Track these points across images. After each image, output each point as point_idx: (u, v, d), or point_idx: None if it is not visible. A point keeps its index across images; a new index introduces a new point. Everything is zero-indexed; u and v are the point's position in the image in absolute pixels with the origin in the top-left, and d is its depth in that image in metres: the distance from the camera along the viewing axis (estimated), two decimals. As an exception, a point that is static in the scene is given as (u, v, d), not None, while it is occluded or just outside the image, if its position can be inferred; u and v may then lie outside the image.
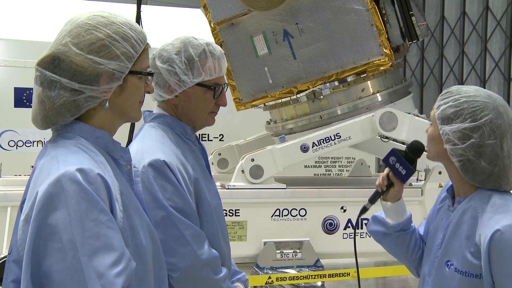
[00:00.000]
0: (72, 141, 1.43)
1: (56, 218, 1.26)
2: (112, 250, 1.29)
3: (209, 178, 2.12)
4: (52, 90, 1.41)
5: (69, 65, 1.41)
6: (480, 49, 9.34)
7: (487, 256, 1.68)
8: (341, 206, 3.59)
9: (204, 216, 1.99)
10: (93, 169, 1.34)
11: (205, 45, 2.06)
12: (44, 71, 1.42)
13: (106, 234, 1.29)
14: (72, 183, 1.29)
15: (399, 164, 2.00)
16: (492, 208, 1.75)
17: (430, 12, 9.51)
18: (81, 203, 1.28)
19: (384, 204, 2.08)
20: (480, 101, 1.79)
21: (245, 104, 3.82)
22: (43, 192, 1.29)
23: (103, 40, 1.43)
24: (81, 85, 1.42)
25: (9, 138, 4.97)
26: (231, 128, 5.47)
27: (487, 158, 1.77)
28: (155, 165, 1.88)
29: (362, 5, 3.52)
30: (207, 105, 2.09)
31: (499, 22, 9.15)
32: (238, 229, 3.43)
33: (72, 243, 1.25)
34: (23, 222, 1.32)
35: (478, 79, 9.41)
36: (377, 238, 2.17)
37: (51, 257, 1.26)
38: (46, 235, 1.26)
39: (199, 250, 1.89)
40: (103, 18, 1.47)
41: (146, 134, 2.03)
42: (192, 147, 2.10)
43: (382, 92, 3.71)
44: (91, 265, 1.25)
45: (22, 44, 4.89)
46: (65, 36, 1.44)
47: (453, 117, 1.79)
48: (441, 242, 1.90)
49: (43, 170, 1.37)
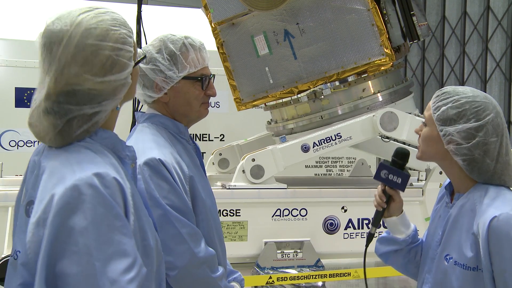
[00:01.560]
0: (82, 142, 1.42)
1: (73, 222, 1.27)
2: (125, 256, 1.30)
3: (204, 177, 2.12)
4: (71, 120, 1.39)
5: (87, 92, 1.39)
6: (481, 49, 9.33)
7: (487, 243, 1.72)
8: (342, 206, 3.59)
9: (200, 215, 2.00)
10: (109, 173, 1.34)
11: (183, 38, 2.07)
12: (60, 105, 1.38)
13: (120, 240, 1.30)
14: (89, 188, 1.29)
15: (392, 175, 1.99)
16: (489, 199, 1.81)
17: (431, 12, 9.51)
18: (97, 208, 1.29)
19: (389, 221, 2.06)
20: (480, 101, 1.84)
21: (246, 104, 3.82)
22: (61, 196, 1.28)
23: (110, 56, 1.40)
24: (101, 105, 1.41)
25: (10, 138, 4.97)
26: (232, 128, 5.47)
27: (491, 156, 1.82)
28: (150, 163, 1.89)
29: (363, 5, 3.51)
30: (197, 97, 2.09)
31: (500, 22, 9.14)
32: (239, 229, 3.43)
33: (87, 247, 1.26)
34: (34, 225, 1.30)
35: (479, 79, 9.40)
36: (388, 259, 2.14)
37: (67, 259, 1.26)
38: (63, 237, 1.27)
39: (196, 248, 1.90)
40: (96, 28, 1.39)
41: (140, 134, 2.04)
42: (186, 146, 2.10)
43: (383, 92, 3.71)
44: (105, 270, 1.26)
45: (23, 44, 4.90)
46: (70, 64, 1.37)
47: (456, 118, 1.83)
48: (441, 238, 1.91)
49: (55, 173, 1.35)
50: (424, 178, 3.81)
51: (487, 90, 9.23)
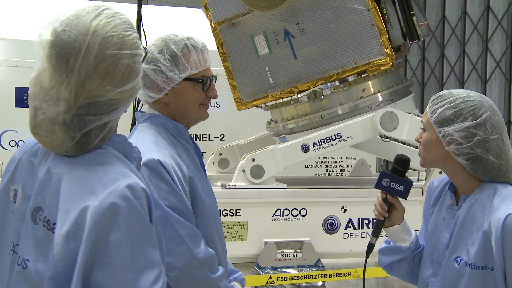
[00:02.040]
0: (100, 150, 1.41)
1: (109, 235, 1.27)
2: (154, 267, 1.32)
3: (204, 177, 2.12)
4: (89, 131, 1.37)
5: (108, 102, 1.38)
6: (481, 49, 9.33)
7: (501, 241, 1.71)
8: (342, 206, 3.59)
9: (200, 215, 2.00)
10: (139, 183, 1.34)
11: (185, 39, 2.06)
12: (80, 117, 1.35)
13: (149, 251, 1.32)
14: (122, 200, 1.29)
15: (394, 183, 1.97)
16: (499, 197, 1.80)
17: (431, 12, 9.50)
18: (131, 220, 1.29)
19: (391, 230, 2.04)
20: (475, 100, 1.86)
21: (246, 104, 3.82)
22: (96, 210, 1.28)
23: (128, 65, 1.39)
24: (116, 110, 1.41)
25: (10, 138, 4.96)
26: (231, 128, 5.47)
27: (494, 153, 1.83)
28: (149, 164, 1.89)
29: (363, 5, 3.51)
30: (197, 98, 2.09)
31: (500, 22, 9.14)
32: (239, 229, 3.43)
33: (121, 260, 1.27)
34: (63, 238, 1.28)
35: (479, 79, 9.40)
36: (392, 270, 2.11)
37: (101, 272, 1.27)
38: (98, 250, 1.27)
39: (195, 249, 1.90)
40: (112, 36, 1.36)
41: (140, 134, 2.04)
42: (186, 146, 2.10)
43: (383, 92, 3.71)
44: (137, 282, 1.28)
45: (23, 44, 4.89)
46: (92, 76, 1.34)
47: (453, 118, 1.84)
48: (448, 241, 1.89)
49: (81, 184, 1.33)
50: (424, 178, 3.81)
51: (487, 90, 9.23)
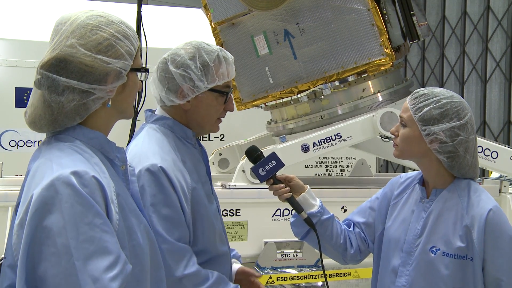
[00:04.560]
0: (67, 143, 1.42)
1: (50, 222, 1.25)
2: (107, 253, 1.28)
3: (208, 182, 2.11)
4: (61, 94, 1.39)
5: (78, 66, 1.40)
6: (481, 49, 9.34)
7: (482, 234, 1.90)
8: (342, 206, 3.59)
9: (201, 224, 1.98)
10: (88, 172, 1.33)
11: (218, 50, 2.07)
12: (50, 74, 1.39)
13: (101, 237, 1.28)
14: (66, 187, 1.28)
15: (266, 165, 2.10)
16: (475, 193, 1.99)
17: (431, 12, 9.52)
18: (75, 206, 1.27)
19: (300, 200, 2.15)
20: (458, 101, 2.00)
21: (246, 104, 3.82)
22: (37, 196, 1.27)
23: (108, 39, 1.43)
24: (90, 86, 1.41)
25: (10, 138, 4.96)
26: (232, 128, 5.46)
27: (470, 152, 1.99)
28: (151, 169, 1.88)
29: (363, 5, 3.51)
30: (217, 110, 2.11)
31: (500, 22, 9.15)
32: (239, 229, 3.43)
33: (67, 247, 1.24)
34: (18, 227, 1.30)
35: (479, 79, 9.41)
36: (304, 238, 2.24)
37: (46, 261, 1.24)
38: (40, 239, 1.25)
39: (174, 266, 1.84)
40: (102, 17, 1.46)
41: (146, 136, 2.02)
42: (192, 151, 2.09)
43: (383, 92, 3.71)
44: (86, 269, 1.24)
45: (23, 44, 4.89)
46: (68, 37, 1.42)
47: (439, 117, 1.96)
48: (420, 232, 2.02)
49: (37, 173, 1.35)
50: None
51: (487, 90, 9.24)
